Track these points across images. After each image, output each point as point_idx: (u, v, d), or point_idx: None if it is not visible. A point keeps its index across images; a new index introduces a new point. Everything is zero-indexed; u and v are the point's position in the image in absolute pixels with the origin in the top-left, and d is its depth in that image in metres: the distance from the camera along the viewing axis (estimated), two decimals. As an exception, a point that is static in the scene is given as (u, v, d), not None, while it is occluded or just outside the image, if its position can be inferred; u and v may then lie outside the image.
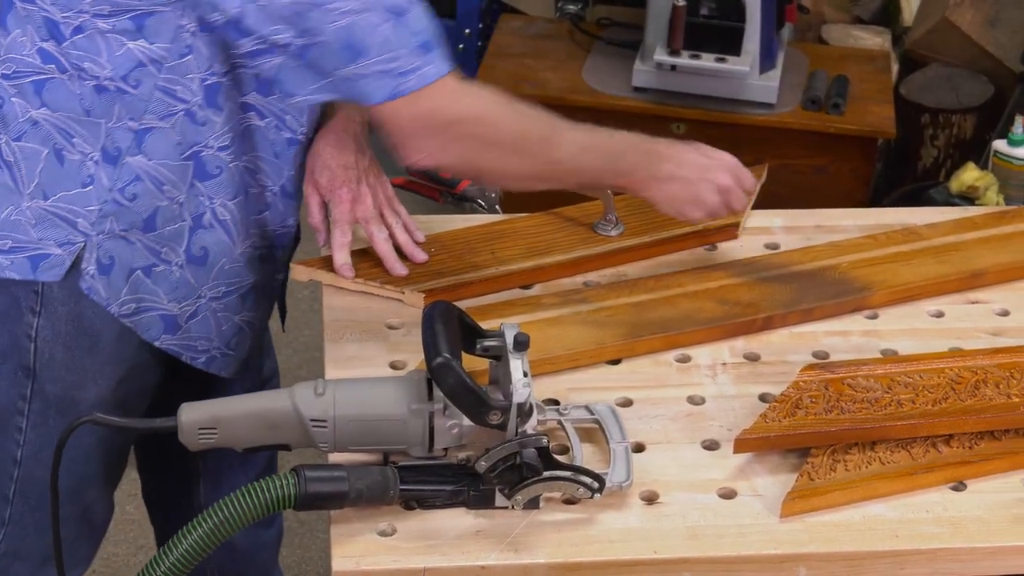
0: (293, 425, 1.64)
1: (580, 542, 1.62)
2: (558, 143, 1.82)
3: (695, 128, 3.61)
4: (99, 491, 2.09)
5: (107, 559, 3.13)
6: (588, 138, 1.86)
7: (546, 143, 1.82)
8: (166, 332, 1.95)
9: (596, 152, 1.87)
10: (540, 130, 1.82)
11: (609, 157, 1.89)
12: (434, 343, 1.60)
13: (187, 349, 1.98)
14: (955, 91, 3.81)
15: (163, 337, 1.95)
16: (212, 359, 2.01)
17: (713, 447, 1.77)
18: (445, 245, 2.09)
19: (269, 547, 2.44)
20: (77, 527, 2.09)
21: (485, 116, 1.79)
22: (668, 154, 1.93)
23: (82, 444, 2.01)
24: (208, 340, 2.00)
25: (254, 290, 2.01)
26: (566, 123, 1.84)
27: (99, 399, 1.96)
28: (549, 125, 1.82)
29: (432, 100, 1.74)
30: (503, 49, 3.85)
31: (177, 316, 1.95)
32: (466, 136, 1.78)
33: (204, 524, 1.55)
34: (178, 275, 1.92)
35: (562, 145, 1.83)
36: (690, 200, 1.94)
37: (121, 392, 1.98)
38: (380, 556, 1.60)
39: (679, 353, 1.93)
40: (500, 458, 1.61)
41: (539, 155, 1.83)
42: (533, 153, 1.82)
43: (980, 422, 1.76)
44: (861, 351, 1.94)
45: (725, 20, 3.44)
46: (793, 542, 1.64)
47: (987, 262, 2.09)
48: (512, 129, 1.80)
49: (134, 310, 1.92)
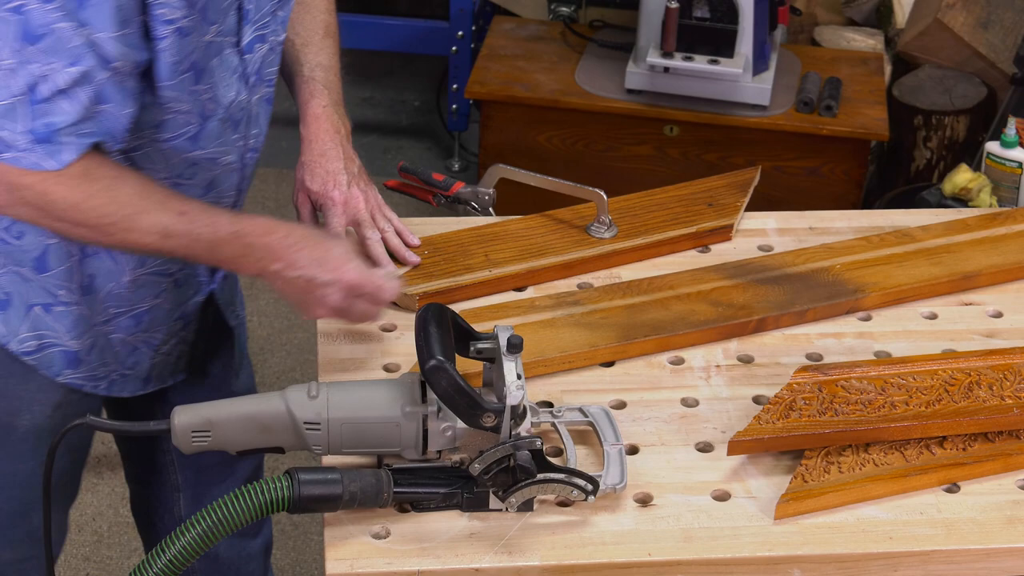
0: (286, 428, 1.64)
1: (574, 544, 1.62)
2: (136, 227, 1.75)
3: (688, 130, 3.62)
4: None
5: (101, 562, 3.13)
6: (177, 225, 1.76)
7: (123, 224, 1.75)
8: (68, 367, 1.97)
9: (183, 239, 1.77)
10: (120, 212, 1.75)
11: (202, 245, 1.79)
12: (428, 346, 1.60)
13: (89, 380, 2.00)
14: (948, 93, 3.82)
15: (65, 372, 1.97)
16: (112, 383, 2.03)
17: (707, 449, 1.77)
18: (438, 248, 2.09)
19: (255, 558, 2.43)
20: (27, 548, 2.10)
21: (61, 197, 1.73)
22: (281, 254, 1.80)
23: (21, 471, 2.02)
24: (106, 366, 2.01)
25: (151, 312, 2.00)
26: (162, 207, 1.76)
27: (34, 425, 1.99)
28: (134, 207, 1.75)
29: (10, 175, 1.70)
30: (496, 51, 3.85)
31: (79, 351, 1.96)
32: (28, 204, 1.73)
33: (197, 526, 1.55)
34: (76, 312, 1.93)
35: (140, 230, 1.76)
36: (298, 304, 1.84)
37: (59, 417, 2.00)
38: (374, 559, 1.60)
39: (673, 355, 1.93)
40: (494, 460, 1.61)
41: (114, 235, 1.77)
42: (105, 232, 1.76)
43: (973, 424, 1.76)
44: (854, 353, 1.94)
45: (718, 22, 3.44)
46: (787, 544, 1.64)
47: (980, 264, 2.10)
48: (89, 206, 1.74)
49: (36, 347, 1.93)
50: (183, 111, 1.79)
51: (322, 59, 2.09)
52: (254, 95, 1.91)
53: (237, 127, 1.90)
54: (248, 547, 2.40)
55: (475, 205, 2.20)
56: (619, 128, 3.67)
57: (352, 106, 4.70)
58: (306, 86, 2.07)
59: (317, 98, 2.06)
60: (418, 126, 4.72)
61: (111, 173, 1.75)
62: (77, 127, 1.68)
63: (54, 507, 2.08)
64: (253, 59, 1.88)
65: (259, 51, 1.88)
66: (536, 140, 3.72)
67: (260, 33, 1.87)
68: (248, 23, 1.84)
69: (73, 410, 2.01)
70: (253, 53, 1.87)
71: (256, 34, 1.86)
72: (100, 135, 1.72)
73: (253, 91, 1.90)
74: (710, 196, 2.23)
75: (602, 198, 2.12)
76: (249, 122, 1.93)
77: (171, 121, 1.80)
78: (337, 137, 2.04)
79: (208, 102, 1.82)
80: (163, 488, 2.32)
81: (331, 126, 2.04)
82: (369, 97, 4.84)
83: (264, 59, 1.91)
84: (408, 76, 4.91)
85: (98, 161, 1.74)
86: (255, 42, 1.87)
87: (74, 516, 3.21)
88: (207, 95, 1.81)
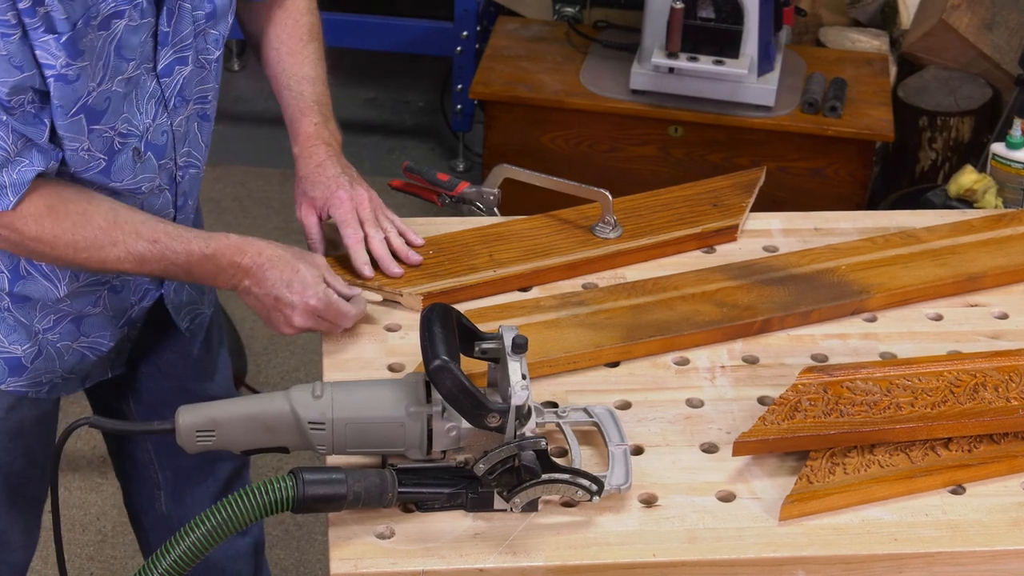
0: (291, 428, 1.63)
1: (578, 545, 1.62)
2: (109, 257, 1.82)
3: (692, 130, 3.62)
4: (8, 518, 2.10)
5: (105, 562, 3.13)
6: (151, 252, 1.83)
7: (97, 256, 1.82)
8: (11, 375, 1.97)
9: (158, 264, 1.85)
10: (92, 245, 1.81)
11: (178, 268, 1.86)
12: (432, 346, 1.60)
13: (32, 387, 2.00)
14: (953, 94, 3.81)
15: (8, 380, 1.97)
16: (54, 386, 2.04)
17: (712, 450, 1.77)
18: (443, 248, 2.09)
19: (243, 557, 2.43)
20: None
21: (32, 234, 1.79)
22: (251, 272, 1.87)
23: None
24: (52, 372, 2.01)
25: (93, 319, 2.01)
26: (135, 236, 1.82)
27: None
28: (107, 238, 1.81)
29: None
30: (500, 51, 3.85)
31: (21, 358, 1.97)
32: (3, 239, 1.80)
33: (202, 526, 1.55)
34: (11, 320, 1.94)
35: (114, 259, 1.83)
36: (265, 319, 1.92)
37: (13, 420, 2.00)
38: (378, 559, 1.59)
39: (677, 356, 1.93)
40: (498, 460, 1.61)
41: (89, 264, 1.84)
42: (80, 261, 1.83)
43: (979, 425, 1.76)
44: (859, 354, 1.94)
45: (723, 23, 3.44)
46: (792, 545, 1.63)
47: (985, 265, 2.09)
48: (63, 241, 1.80)
49: None
50: (82, 147, 1.80)
51: (307, 70, 2.10)
52: (177, 116, 1.91)
53: (161, 151, 1.91)
54: (236, 546, 2.41)
55: (480, 205, 2.20)
56: (623, 129, 3.67)
57: (356, 106, 4.73)
58: (295, 103, 2.08)
59: (308, 116, 2.07)
60: (422, 126, 4.72)
61: (79, 208, 1.80)
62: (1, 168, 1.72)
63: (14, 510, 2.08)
64: (171, 82, 1.88)
65: (180, 73, 1.88)
66: (540, 141, 3.72)
67: (181, 55, 1.87)
68: (165, 47, 1.85)
69: (28, 411, 2.01)
70: (171, 76, 1.87)
71: (175, 56, 1.87)
72: (36, 165, 1.75)
73: (175, 113, 1.91)
74: (715, 197, 2.23)
75: (607, 198, 2.12)
76: (176, 143, 1.93)
77: (72, 156, 1.81)
78: (330, 150, 2.06)
79: (116, 138, 1.83)
80: (144, 485, 2.33)
81: (322, 142, 2.06)
82: (373, 98, 4.84)
83: (187, 80, 1.90)
84: (412, 76, 4.91)
85: (63, 196, 1.79)
86: (175, 64, 1.87)
87: (78, 516, 3.22)
88: (110, 133, 1.82)
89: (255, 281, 1.87)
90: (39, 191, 1.77)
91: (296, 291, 1.87)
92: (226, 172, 4.40)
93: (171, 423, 1.64)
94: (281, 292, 1.87)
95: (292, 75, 2.09)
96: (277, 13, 2.11)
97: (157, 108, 1.87)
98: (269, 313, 1.90)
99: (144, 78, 1.84)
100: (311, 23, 2.12)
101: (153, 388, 2.21)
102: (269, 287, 1.87)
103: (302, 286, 1.87)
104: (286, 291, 1.87)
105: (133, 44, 1.78)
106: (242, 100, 4.72)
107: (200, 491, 2.31)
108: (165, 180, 1.94)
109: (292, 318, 1.88)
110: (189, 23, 1.86)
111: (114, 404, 2.23)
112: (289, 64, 2.09)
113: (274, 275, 1.87)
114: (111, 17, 1.74)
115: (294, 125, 2.08)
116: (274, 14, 2.11)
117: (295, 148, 2.07)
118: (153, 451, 2.28)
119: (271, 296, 1.87)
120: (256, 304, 1.90)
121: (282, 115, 2.10)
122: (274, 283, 1.87)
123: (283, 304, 1.87)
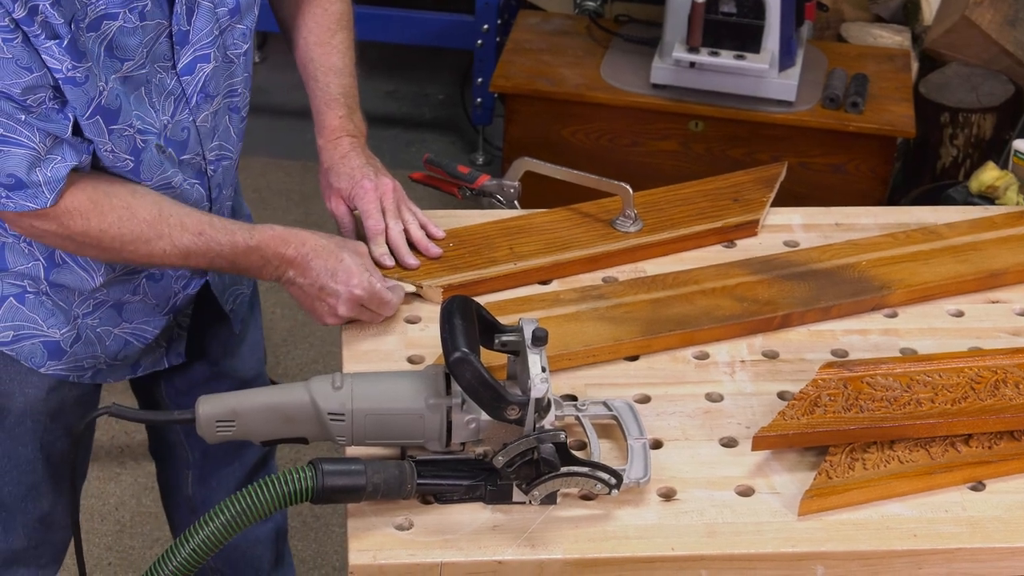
0: (310, 418, 1.64)
1: (597, 538, 1.62)
2: (156, 251, 1.84)
3: (713, 125, 3.61)
4: (53, 498, 2.12)
5: (123, 551, 3.14)
6: (197, 245, 1.85)
7: (144, 250, 1.83)
8: (51, 359, 1.99)
9: (204, 257, 1.86)
10: (139, 239, 1.83)
11: (223, 260, 1.87)
12: (452, 338, 1.60)
13: (73, 371, 2.02)
14: (974, 90, 3.80)
15: (48, 363, 1.99)
16: (98, 371, 2.05)
17: (731, 444, 1.77)
18: (463, 240, 2.09)
19: (263, 543, 2.44)
20: (40, 534, 2.12)
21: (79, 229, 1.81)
22: (295, 263, 1.88)
23: (22, 455, 2.04)
24: (94, 358, 2.02)
25: (134, 306, 2.02)
26: (180, 229, 1.84)
27: (28, 408, 2.01)
28: (153, 232, 1.83)
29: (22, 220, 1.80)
30: (521, 45, 3.85)
31: (60, 341, 1.98)
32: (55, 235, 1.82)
33: (222, 515, 1.55)
34: (49, 304, 1.95)
35: (161, 253, 1.84)
36: (309, 309, 1.92)
37: (55, 400, 2.02)
38: (396, 550, 1.60)
39: (697, 350, 1.93)
40: (517, 453, 1.61)
41: (136, 259, 1.85)
42: (127, 256, 1.84)
43: (999, 422, 1.75)
44: (880, 350, 1.93)
45: (744, 18, 3.43)
46: (810, 540, 1.63)
47: (1007, 262, 2.09)
48: (109, 235, 1.81)
49: (12, 338, 1.95)
50: (107, 150, 1.81)
51: (335, 60, 2.10)
52: (200, 112, 1.91)
53: (182, 147, 1.91)
54: (255, 532, 2.41)
55: (500, 198, 2.20)
56: (644, 123, 3.67)
57: (376, 99, 4.74)
58: (321, 95, 2.09)
59: (333, 109, 2.08)
60: (442, 120, 4.72)
61: (122, 202, 1.82)
62: (34, 167, 1.74)
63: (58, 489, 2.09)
64: (193, 79, 1.88)
65: (202, 71, 1.88)
66: (560, 134, 3.72)
67: (202, 53, 1.87)
68: (185, 45, 1.85)
69: (69, 392, 2.03)
70: (194, 74, 1.87)
71: (196, 55, 1.87)
72: (69, 161, 1.76)
73: (199, 110, 1.90)
74: (736, 191, 2.23)
75: (628, 192, 2.12)
76: (202, 138, 1.93)
77: (102, 155, 1.82)
78: (355, 142, 2.07)
79: (136, 135, 1.83)
80: (175, 464, 2.34)
81: (347, 134, 2.07)
82: (393, 90, 4.84)
83: (210, 77, 1.90)
84: (433, 70, 4.91)
85: (105, 191, 1.81)
86: (196, 62, 1.87)
87: (96, 506, 3.23)
88: (129, 131, 1.82)
89: (300, 271, 1.88)
90: (79, 186, 1.79)
91: (341, 280, 1.87)
92: (247, 164, 4.41)
93: (191, 413, 1.64)
94: (326, 282, 1.87)
95: (319, 66, 2.09)
96: (306, 1, 2.11)
97: (177, 105, 1.88)
98: (313, 303, 1.90)
99: (162, 76, 1.84)
100: (341, 11, 2.12)
101: (186, 371, 2.21)
102: (314, 277, 1.88)
103: (347, 275, 1.87)
104: (331, 281, 1.87)
105: (130, 46, 1.78)
106: (263, 92, 4.73)
107: (226, 474, 2.32)
108: (192, 175, 1.94)
109: (336, 307, 1.88)
110: (210, 20, 1.86)
111: (147, 388, 2.25)
112: (317, 55, 2.09)
113: (319, 264, 1.87)
114: (102, 18, 1.74)
115: (320, 117, 2.08)
116: (303, 1, 2.11)
117: (320, 140, 2.07)
118: (182, 432, 2.30)
119: (316, 286, 1.88)
120: (300, 294, 1.90)
121: (306, 106, 2.11)
122: (319, 273, 1.87)
123: (328, 294, 1.88)
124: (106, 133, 1.79)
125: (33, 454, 2.05)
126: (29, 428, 2.03)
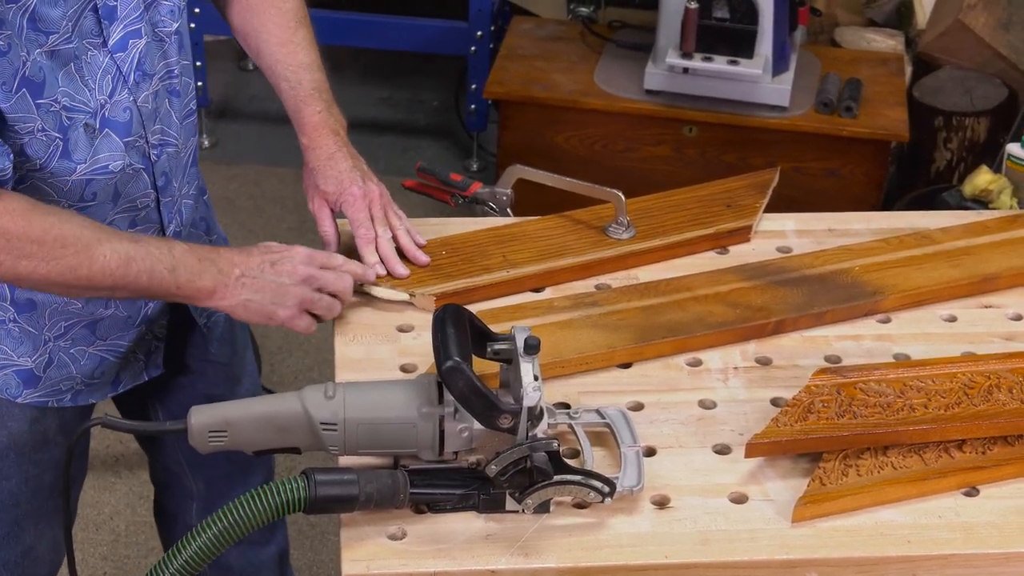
0: (303, 428, 1.64)
1: (590, 547, 1.62)
2: (98, 256, 1.77)
3: (707, 131, 3.61)
4: (36, 531, 2.08)
5: (118, 561, 3.13)
6: (137, 250, 1.79)
7: (85, 254, 1.76)
8: (27, 387, 1.96)
9: (144, 263, 1.79)
10: (79, 241, 1.76)
11: (163, 267, 1.81)
12: (445, 346, 1.60)
13: (52, 395, 1.99)
14: (968, 94, 3.80)
15: (25, 392, 1.96)
16: (78, 393, 2.02)
17: (724, 451, 1.76)
18: (456, 248, 2.09)
19: (267, 566, 2.42)
20: (20, 569, 2.08)
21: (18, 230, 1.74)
22: (237, 260, 1.86)
23: (5, 489, 2.01)
24: (70, 379, 1.99)
25: (107, 321, 1.98)
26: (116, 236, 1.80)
27: (11, 441, 1.98)
28: (93, 236, 1.77)
29: None
30: (515, 51, 3.85)
31: (32, 368, 1.95)
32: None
33: (214, 527, 1.55)
34: (17, 331, 1.92)
35: (103, 258, 1.77)
36: (262, 310, 1.87)
37: (38, 432, 1.99)
38: (390, 560, 1.59)
39: (690, 357, 1.93)
40: (510, 462, 1.61)
41: (78, 268, 1.77)
42: (69, 265, 1.76)
43: (993, 427, 1.75)
44: (873, 355, 1.93)
45: (738, 23, 3.43)
46: (804, 547, 1.63)
47: (1000, 266, 2.09)
48: (47, 237, 1.75)
49: None
50: (36, 128, 1.76)
51: (301, 57, 2.07)
52: (141, 92, 1.87)
53: (125, 128, 1.86)
54: (259, 555, 2.40)
55: (493, 206, 2.20)
56: (638, 129, 3.67)
57: (371, 106, 4.74)
58: (294, 92, 2.06)
59: (310, 105, 2.05)
60: (436, 126, 4.72)
61: (56, 210, 1.77)
62: None
63: (42, 523, 2.07)
64: (127, 56, 1.84)
65: (135, 47, 1.84)
66: (554, 140, 3.72)
67: (133, 28, 1.84)
68: (114, 21, 1.82)
69: (52, 421, 2.00)
70: (127, 51, 1.84)
71: (127, 30, 1.83)
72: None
73: (139, 89, 1.86)
74: (729, 197, 2.23)
75: (620, 199, 2.12)
76: (144, 120, 1.89)
77: (31, 142, 1.77)
78: (339, 140, 2.05)
79: (63, 112, 1.79)
80: (179, 492, 2.32)
81: (329, 130, 2.05)
82: (387, 97, 4.84)
83: (144, 55, 1.86)
84: (427, 76, 4.91)
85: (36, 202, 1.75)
86: (128, 38, 1.84)
87: (91, 515, 3.22)
88: (56, 107, 1.78)
89: (244, 269, 1.85)
90: (13, 195, 1.73)
91: (285, 270, 1.86)
92: (240, 171, 4.41)
93: (183, 423, 1.64)
94: (272, 272, 1.86)
95: (287, 65, 2.06)
96: (257, 2, 2.08)
97: (115, 83, 1.83)
98: (268, 296, 1.86)
99: (92, 53, 1.80)
100: (295, 7, 2.09)
101: (180, 397, 2.19)
102: (260, 269, 1.85)
103: (290, 263, 1.87)
104: (273, 270, 1.86)
105: (53, 17, 1.73)
106: (257, 99, 4.73)
107: None
108: (137, 159, 1.89)
109: (289, 293, 1.86)
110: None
111: (139, 412, 2.22)
112: (283, 54, 2.07)
113: (260, 259, 1.87)
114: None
115: (298, 115, 2.06)
116: (254, 2, 2.08)
117: (303, 139, 2.05)
118: (185, 462, 2.27)
119: (263, 277, 1.85)
120: (253, 297, 1.85)
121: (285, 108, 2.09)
122: (261, 262, 1.86)
123: (278, 284, 1.86)
124: (34, 108, 1.74)
125: (17, 487, 2.02)
126: (13, 461, 2.00)
